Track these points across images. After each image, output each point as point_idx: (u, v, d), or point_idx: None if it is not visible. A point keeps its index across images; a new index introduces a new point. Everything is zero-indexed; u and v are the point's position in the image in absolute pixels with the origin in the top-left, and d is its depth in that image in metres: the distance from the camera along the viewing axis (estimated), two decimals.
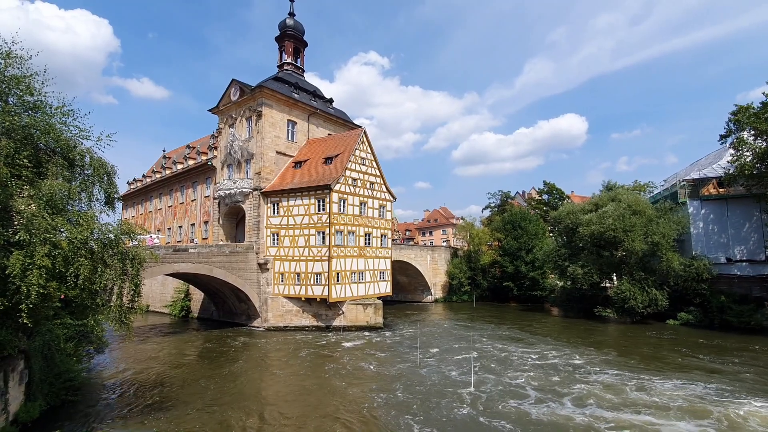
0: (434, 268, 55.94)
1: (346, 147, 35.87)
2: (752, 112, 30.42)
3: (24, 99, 12.72)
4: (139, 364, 23.41)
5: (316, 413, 15.78)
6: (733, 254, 35.07)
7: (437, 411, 15.83)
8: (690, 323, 33.19)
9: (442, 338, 30.36)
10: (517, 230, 52.94)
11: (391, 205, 39.42)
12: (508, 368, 21.67)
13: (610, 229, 34.76)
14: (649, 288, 34.17)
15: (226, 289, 34.87)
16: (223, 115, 40.44)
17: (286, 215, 34.99)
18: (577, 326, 35.15)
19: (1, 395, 12.28)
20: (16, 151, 11.71)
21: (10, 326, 12.37)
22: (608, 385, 18.51)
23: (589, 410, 15.60)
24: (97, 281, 12.41)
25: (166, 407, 16.30)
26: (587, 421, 14.61)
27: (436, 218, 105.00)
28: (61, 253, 11.38)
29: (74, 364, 18.18)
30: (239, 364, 23.20)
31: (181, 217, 49.31)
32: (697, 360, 22.99)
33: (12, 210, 11.61)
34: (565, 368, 21.57)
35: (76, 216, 12.48)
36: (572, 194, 75.37)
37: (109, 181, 14.46)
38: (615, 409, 15.70)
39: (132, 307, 14.21)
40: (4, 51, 12.25)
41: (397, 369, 22.04)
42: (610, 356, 24.10)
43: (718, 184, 35.97)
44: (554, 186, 62.44)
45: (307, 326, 33.98)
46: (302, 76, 46.27)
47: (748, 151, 30.56)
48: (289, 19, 45.70)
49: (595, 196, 44.21)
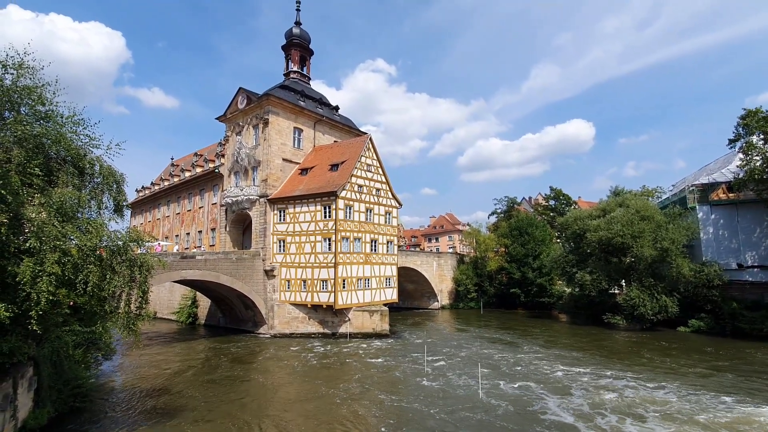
0: (440, 275, 55.69)
1: (352, 154, 36.02)
2: (761, 116, 30.17)
3: (36, 109, 12.90)
4: (147, 371, 23.46)
5: (322, 422, 15.68)
6: (744, 260, 34.55)
7: (444, 420, 15.66)
8: (701, 330, 32.67)
9: (448, 346, 30.12)
10: (523, 236, 52.60)
11: (396, 211, 39.42)
12: (517, 377, 21.42)
13: (618, 234, 34.44)
14: (658, 294, 33.72)
15: (232, 295, 34.95)
16: (231, 123, 40.83)
17: (292, 222, 35.10)
18: (586, 333, 34.74)
19: (11, 402, 12.35)
20: (27, 160, 11.87)
21: (19, 333, 12.45)
22: (618, 394, 18.22)
23: (604, 420, 15.35)
24: (105, 288, 12.48)
25: (173, 414, 16.29)
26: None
27: (442, 224, 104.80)
28: (70, 261, 11.46)
29: (83, 370, 18.26)
30: (246, 372, 23.17)
31: (188, 224, 49.66)
32: (711, 367, 22.57)
33: (23, 218, 11.74)
34: (575, 377, 21.28)
35: (85, 223, 12.59)
36: (579, 200, 74.87)
37: (118, 189, 14.59)
38: (626, 419, 15.44)
39: (140, 313, 14.25)
40: (17, 62, 12.47)
41: (403, 377, 21.89)
42: (621, 364, 23.76)
43: (728, 188, 35.54)
44: (561, 192, 62.10)
45: (314, 333, 33.92)
46: (308, 84, 46.67)
47: (758, 155, 30.23)
48: (296, 28, 46.22)
49: (602, 201, 43.88)
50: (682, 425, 14.66)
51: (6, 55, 12.32)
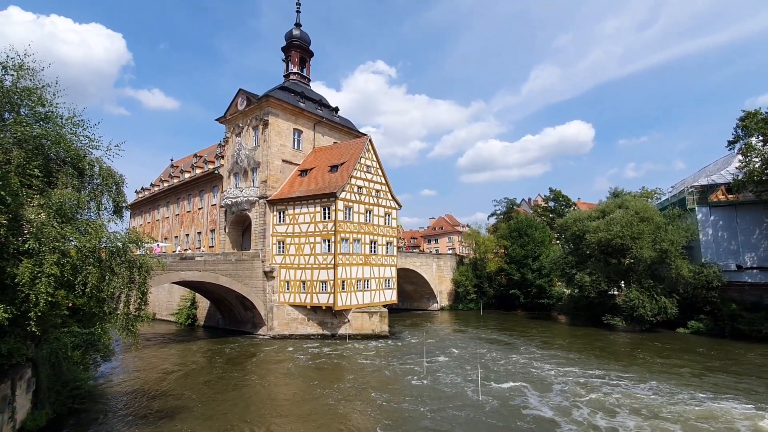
0: (440, 276, 55.69)
1: (352, 155, 36.05)
2: (760, 118, 30.25)
3: (35, 110, 12.91)
4: (145, 373, 23.44)
5: (320, 424, 15.65)
6: (743, 261, 34.58)
7: (442, 421, 15.65)
8: (700, 331, 32.69)
9: (447, 347, 30.12)
10: (523, 238, 52.63)
11: (396, 212, 39.43)
12: (516, 378, 21.41)
13: (617, 236, 34.47)
14: (658, 296, 33.75)
15: (231, 297, 34.94)
16: (230, 124, 40.87)
17: (291, 223, 35.11)
18: (586, 334, 34.75)
19: (9, 403, 12.34)
20: (27, 161, 11.87)
21: (18, 334, 12.45)
22: (618, 395, 18.23)
23: (604, 422, 15.37)
24: (104, 289, 12.47)
25: (171, 415, 16.27)
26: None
27: (442, 226, 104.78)
28: (69, 262, 11.46)
29: (81, 372, 18.24)
30: (244, 373, 23.15)
31: (188, 226, 49.65)
32: (710, 369, 22.59)
33: (22, 219, 11.74)
34: (575, 378, 21.28)
35: (84, 225, 12.60)
36: (579, 201, 74.96)
37: (118, 190, 14.59)
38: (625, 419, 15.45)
39: (139, 315, 14.24)
40: (17, 63, 12.48)
41: (402, 378, 21.87)
42: (618, 365, 23.78)
43: (727, 190, 35.59)
44: (560, 193, 62.16)
45: (313, 334, 33.89)
46: (308, 86, 46.74)
47: (757, 157, 30.28)
48: (296, 30, 46.31)
49: (602, 203, 43.90)
50: (662, 422, 14.67)
51: (6, 57, 12.34)
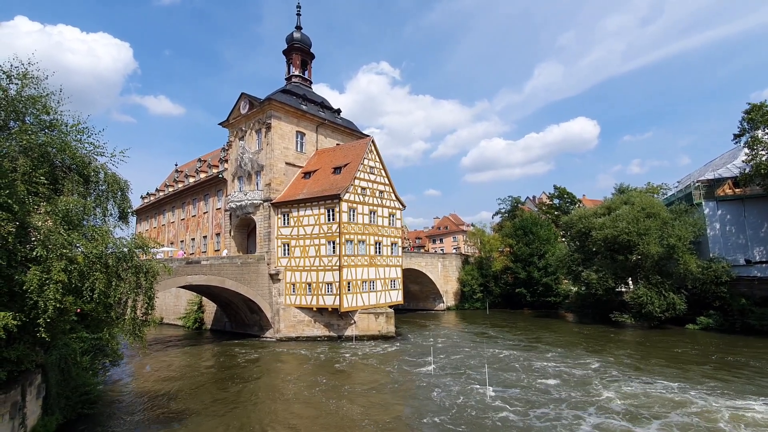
0: (445, 276, 55.54)
1: (355, 156, 36.05)
2: (766, 110, 29.95)
3: (40, 118, 13.02)
4: (154, 377, 23.54)
5: (328, 425, 15.64)
6: (752, 255, 34.21)
7: (452, 422, 15.57)
8: (710, 327, 32.38)
9: (455, 347, 30.02)
10: (528, 236, 52.37)
11: (400, 213, 39.38)
12: (525, 378, 21.29)
13: (624, 232, 34.22)
14: (666, 292, 33.46)
15: (238, 300, 35.04)
16: (233, 128, 41.02)
17: (296, 226, 35.16)
18: (594, 332, 34.50)
19: (19, 409, 12.41)
20: (33, 169, 11.97)
21: (27, 341, 12.52)
22: (630, 394, 18.09)
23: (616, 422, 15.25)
24: (111, 295, 12.55)
25: (180, 419, 16.32)
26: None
27: (447, 225, 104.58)
28: (77, 268, 11.54)
29: (90, 377, 18.30)
30: (252, 376, 23.18)
31: (193, 230, 49.86)
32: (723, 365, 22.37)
33: (29, 226, 11.83)
34: (586, 377, 21.14)
35: (91, 231, 12.68)
36: (584, 198, 74.54)
37: (123, 196, 14.69)
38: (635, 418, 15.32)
39: (146, 319, 14.31)
40: (21, 72, 12.59)
41: (410, 379, 21.82)
42: (629, 361, 23.61)
43: (734, 184, 35.25)
44: (565, 190, 61.84)
45: (320, 336, 33.90)
46: (310, 88, 46.83)
47: (764, 149, 30.01)
48: (296, 33, 46.42)
49: (607, 199, 43.61)
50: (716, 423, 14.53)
51: (11, 66, 12.45)
